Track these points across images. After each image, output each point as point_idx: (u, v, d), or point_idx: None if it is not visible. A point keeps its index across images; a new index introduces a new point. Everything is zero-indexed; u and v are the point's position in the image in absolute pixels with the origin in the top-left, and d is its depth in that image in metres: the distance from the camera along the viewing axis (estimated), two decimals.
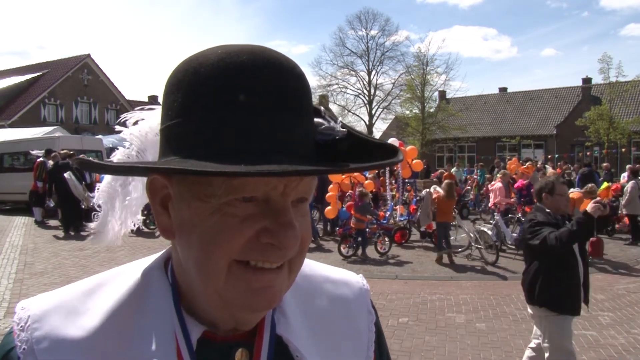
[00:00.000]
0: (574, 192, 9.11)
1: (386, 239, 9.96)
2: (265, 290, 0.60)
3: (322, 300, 0.77)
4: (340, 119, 0.67)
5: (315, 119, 0.64)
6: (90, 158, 15.24)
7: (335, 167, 0.59)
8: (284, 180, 0.58)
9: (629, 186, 11.01)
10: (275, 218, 0.58)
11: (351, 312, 0.79)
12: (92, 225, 0.79)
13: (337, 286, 0.81)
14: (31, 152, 14.75)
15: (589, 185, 10.12)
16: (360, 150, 0.63)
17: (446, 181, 10.06)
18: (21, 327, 0.64)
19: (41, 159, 13.89)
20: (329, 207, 10.81)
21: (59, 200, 12.61)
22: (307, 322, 0.73)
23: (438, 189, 10.06)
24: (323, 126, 0.64)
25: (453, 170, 20.35)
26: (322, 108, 0.66)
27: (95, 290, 0.69)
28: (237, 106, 0.56)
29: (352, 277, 0.84)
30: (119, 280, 0.70)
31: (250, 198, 0.58)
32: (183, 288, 0.67)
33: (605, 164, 17.32)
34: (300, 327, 0.71)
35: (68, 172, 12.47)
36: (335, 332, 0.75)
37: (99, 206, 0.79)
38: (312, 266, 0.82)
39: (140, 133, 0.76)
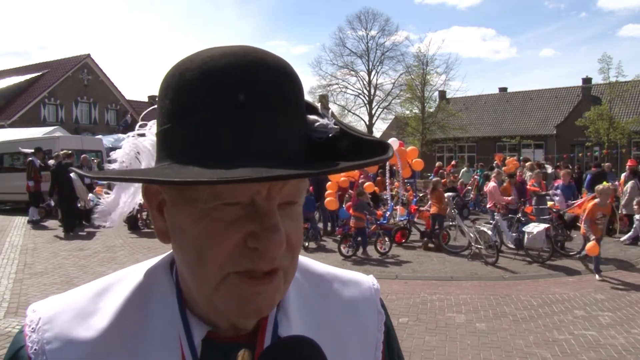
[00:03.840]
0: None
1: (386, 239, 9.97)
2: (255, 298, 0.59)
3: (328, 300, 0.77)
4: (329, 112, 0.66)
5: (310, 116, 0.63)
6: (92, 158, 15.32)
7: (310, 169, 0.55)
8: (266, 183, 0.57)
9: (628, 186, 11.01)
10: (261, 222, 0.57)
11: (359, 312, 0.78)
12: (102, 203, 0.80)
13: (346, 286, 0.80)
14: (21, 149, 14.74)
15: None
16: (353, 148, 0.63)
17: (435, 178, 10.39)
18: (32, 328, 0.66)
19: (30, 158, 13.90)
20: (328, 199, 10.79)
21: (59, 200, 12.62)
22: (309, 323, 0.73)
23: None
24: (317, 123, 0.63)
25: (463, 170, 20.10)
26: (317, 105, 0.65)
27: (105, 291, 0.70)
28: (220, 109, 0.56)
29: (362, 278, 0.84)
30: (127, 281, 0.71)
31: (235, 203, 0.57)
32: (185, 289, 0.67)
33: (607, 164, 17.13)
34: (302, 328, 0.71)
35: (73, 173, 12.58)
36: (341, 332, 0.75)
37: (109, 187, 0.80)
38: (319, 267, 0.82)
39: (138, 138, 0.78)
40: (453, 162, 22.81)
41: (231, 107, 0.56)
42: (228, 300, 0.59)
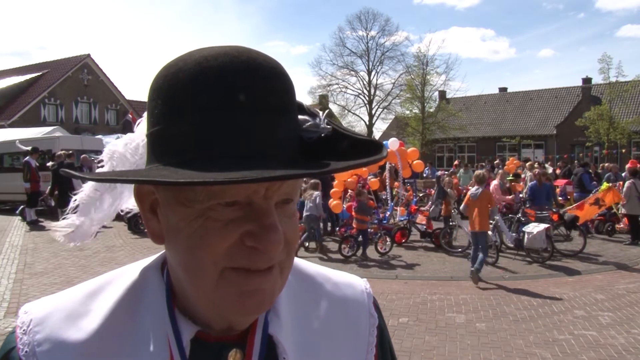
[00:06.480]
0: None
1: (387, 239, 9.96)
2: (255, 293, 0.59)
3: (319, 301, 0.77)
4: (322, 113, 0.66)
5: (301, 116, 0.63)
6: (92, 158, 15.31)
7: (309, 169, 0.56)
8: (264, 183, 0.57)
9: (625, 186, 11.02)
10: (259, 221, 0.57)
11: (350, 314, 0.78)
12: (62, 224, 0.79)
13: (338, 288, 0.80)
14: (18, 144, 14.72)
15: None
16: (347, 147, 0.63)
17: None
18: (24, 330, 0.66)
19: (26, 159, 13.88)
20: (333, 202, 10.77)
21: (60, 201, 12.61)
22: (300, 323, 0.73)
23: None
24: (308, 123, 0.63)
25: (460, 172, 19.63)
26: (306, 105, 0.65)
27: (96, 292, 0.70)
28: (216, 110, 0.55)
29: (355, 280, 0.83)
30: (119, 282, 0.71)
31: (232, 202, 0.57)
32: (177, 289, 0.67)
33: (612, 165, 16.94)
34: (292, 328, 0.71)
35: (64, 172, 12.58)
36: (332, 333, 0.75)
37: (75, 208, 0.79)
38: (311, 267, 0.82)
39: (130, 140, 0.77)
40: (456, 162, 22.80)
41: (227, 107, 0.55)
42: (229, 298, 0.59)
